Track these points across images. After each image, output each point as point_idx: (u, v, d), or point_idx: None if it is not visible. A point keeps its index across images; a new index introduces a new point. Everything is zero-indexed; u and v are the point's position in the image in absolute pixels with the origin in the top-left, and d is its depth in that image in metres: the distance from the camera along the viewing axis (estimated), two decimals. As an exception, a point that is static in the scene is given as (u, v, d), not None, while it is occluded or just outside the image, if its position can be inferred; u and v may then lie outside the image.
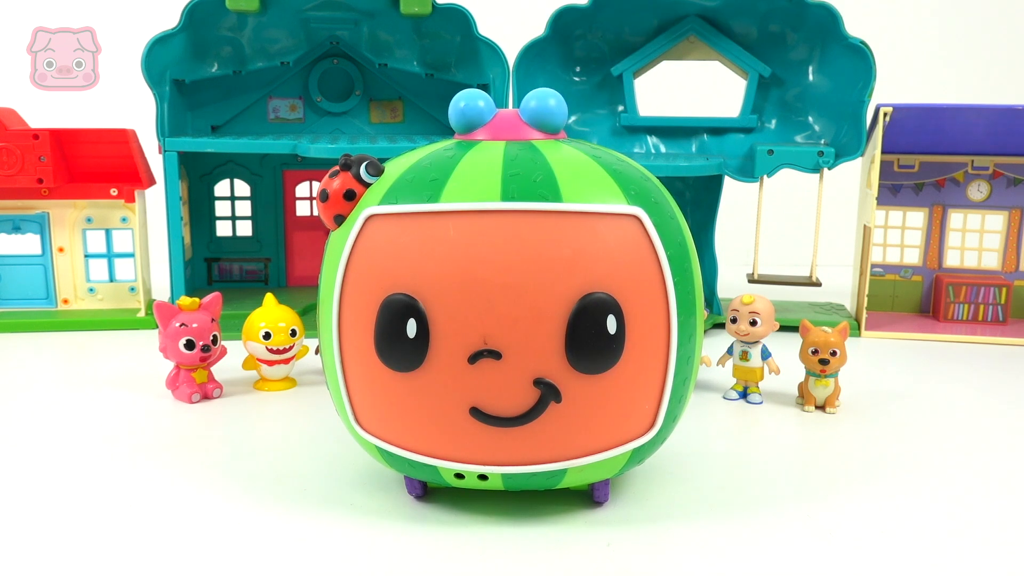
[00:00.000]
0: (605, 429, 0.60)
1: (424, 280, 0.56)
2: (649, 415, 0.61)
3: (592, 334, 0.56)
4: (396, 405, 0.60)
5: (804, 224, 1.52)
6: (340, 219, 0.61)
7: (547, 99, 0.64)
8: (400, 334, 0.57)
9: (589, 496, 0.68)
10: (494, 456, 0.59)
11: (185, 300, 0.92)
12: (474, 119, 0.64)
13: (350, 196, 0.61)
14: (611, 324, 0.56)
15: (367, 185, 0.61)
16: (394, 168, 0.62)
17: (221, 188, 1.46)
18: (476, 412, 0.57)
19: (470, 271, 0.56)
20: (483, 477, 0.60)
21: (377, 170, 0.61)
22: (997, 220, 1.35)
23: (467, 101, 0.64)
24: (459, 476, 0.61)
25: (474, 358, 0.56)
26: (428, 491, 0.68)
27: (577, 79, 1.38)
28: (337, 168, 0.62)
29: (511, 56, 1.29)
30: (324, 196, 0.62)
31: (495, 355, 0.56)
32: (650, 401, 0.61)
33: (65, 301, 1.32)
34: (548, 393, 0.57)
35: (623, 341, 0.57)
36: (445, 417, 0.58)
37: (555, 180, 0.58)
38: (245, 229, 1.48)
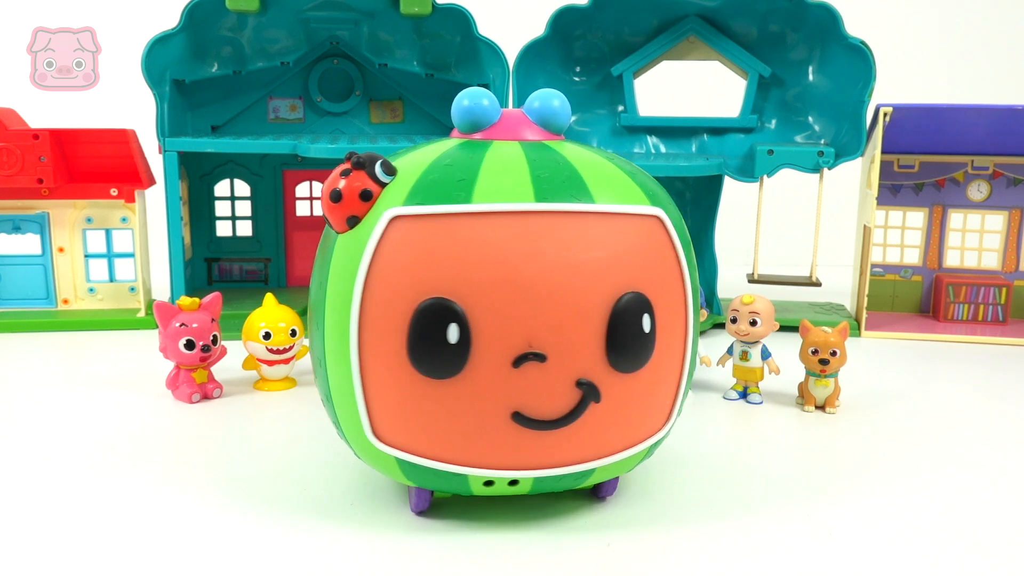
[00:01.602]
0: (633, 426, 0.61)
1: (464, 283, 0.54)
2: (666, 409, 0.63)
3: (631, 333, 0.57)
4: (428, 413, 0.57)
5: (804, 224, 1.53)
6: (354, 221, 0.58)
7: (552, 99, 0.64)
8: (440, 340, 0.54)
9: (590, 492, 0.68)
10: (533, 460, 0.58)
11: (185, 300, 0.92)
12: (482, 118, 0.63)
13: (366, 196, 0.57)
14: (646, 323, 0.57)
15: (383, 185, 0.58)
16: (407, 167, 0.59)
17: (221, 188, 1.46)
18: (518, 416, 0.56)
19: (513, 273, 0.55)
20: (514, 482, 0.60)
21: (391, 169, 0.58)
22: (997, 220, 1.35)
23: (474, 100, 0.63)
24: (488, 483, 0.60)
25: (519, 361, 0.55)
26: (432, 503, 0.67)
27: (577, 79, 1.38)
28: (347, 167, 0.58)
29: (511, 56, 1.29)
30: (337, 196, 0.58)
31: (540, 358, 0.55)
32: (668, 395, 0.63)
33: (65, 301, 1.32)
34: (589, 393, 0.57)
35: (655, 339, 0.58)
36: (485, 423, 0.57)
37: (583, 181, 0.58)
38: (245, 229, 1.48)
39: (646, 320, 0.57)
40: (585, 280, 0.56)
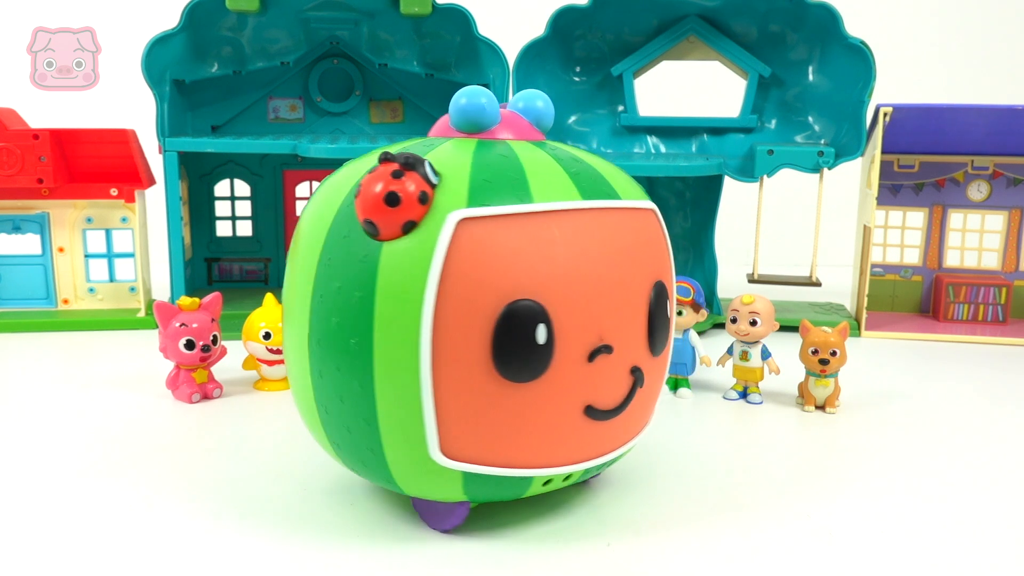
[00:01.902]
0: (652, 405, 0.65)
1: (544, 283, 0.54)
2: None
3: (663, 318, 0.61)
4: (504, 419, 0.55)
5: (804, 224, 1.53)
6: (411, 226, 0.53)
7: (536, 99, 0.65)
8: (529, 341, 0.53)
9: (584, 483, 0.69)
10: (595, 450, 0.60)
11: (185, 300, 0.92)
12: (491, 118, 0.62)
13: (424, 199, 0.54)
14: (669, 308, 0.62)
15: (433, 187, 0.55)
16: (447, 168, 0.56)
17: (221, 188, 1.46)
18: (589, 410, 0.57)
19: (584, 270, 0.55)
20: (567, 476, 0.61)
21: (435, 170, 0.55)
22: (997, 220, 1.35)
23: (479, 99, 0.61)
24: (547, 482, 0.60)
25: (593, 355, 0.56)
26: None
27: (577, 79, 1.38)
28: (395, 168, 0.54)
29: (511, 56, 1.29)
30: (395, 200, 0.53)
31: (609, 350, 0.57)
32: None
33: (65, 301, 1.32)
34: (638, 379, 0.59)
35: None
36: (561, 420, 0.56)
37: (605, 178, 0.60)
38: (245, 229, 1.48)
39: (668, 305, 0.61)
40: (636, 271, 0.59)
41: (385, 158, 0.55)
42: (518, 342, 0.53)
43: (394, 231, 0.54)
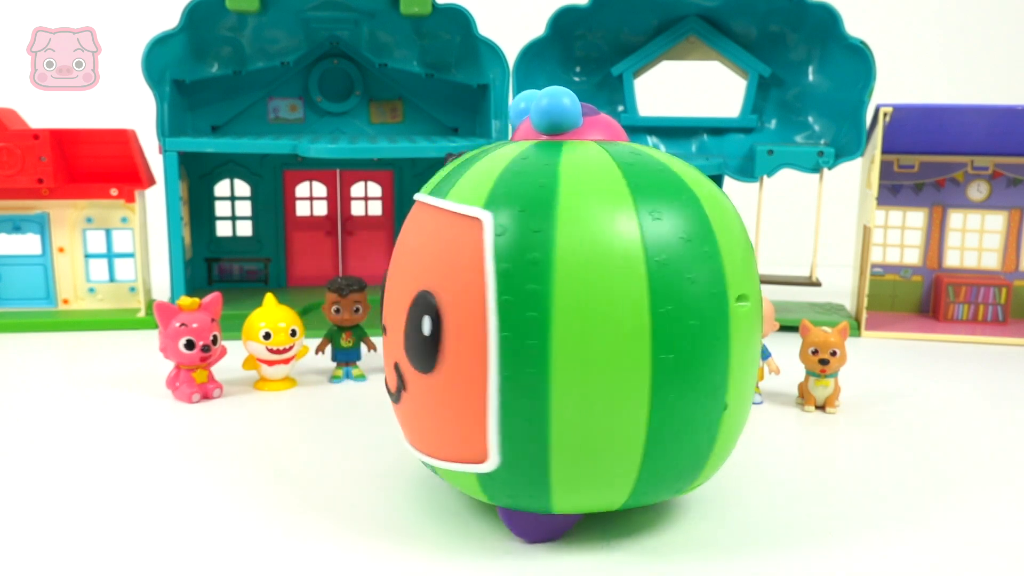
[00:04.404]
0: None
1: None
2: None
3: (416, 333, 0.60)
4: None
5: (804, 224, 1.53)
6: None
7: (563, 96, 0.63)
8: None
9: None
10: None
11: (185, 300, 0.92)
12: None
13: None
14: (430, 326, 0.60)
15: None
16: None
17: (221, 188, 1.46)
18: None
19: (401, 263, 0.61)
20: None
21: None
22: (997, 220, 1.35)
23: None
24: None
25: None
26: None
27: (577, 79, 1.38)
28: None
29: (511, 56, 1.29)
30: None
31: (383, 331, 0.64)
32: None
33: (65, 301, 1.32)
34: (400, 378, 0.62)
35: None
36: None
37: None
38: (245, 229, 1.48)
39: (426, 321, 0.59)
40: (407, 276, 0.61)
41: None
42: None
43: None
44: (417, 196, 0.61)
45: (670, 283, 0.52)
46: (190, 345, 0.90)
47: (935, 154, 1.35)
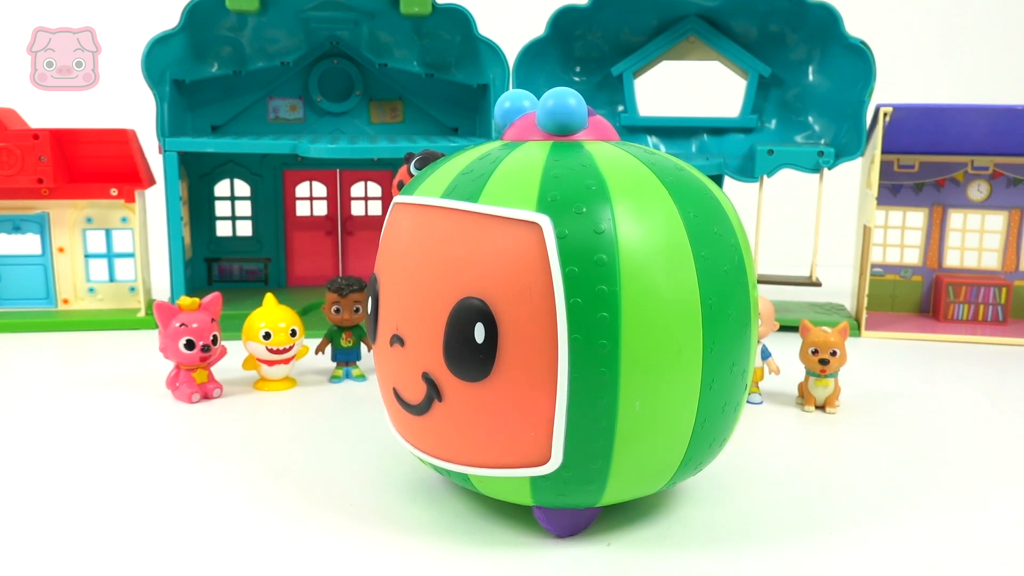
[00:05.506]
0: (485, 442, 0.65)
1: None
2: None
3: (458, 341, 0.60)
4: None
5: (804, 224, 1.53)
6: None
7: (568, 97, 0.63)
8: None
9: None
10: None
11: (185, 300, 0.92)
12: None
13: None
14: (481, 334, 0.60)
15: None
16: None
17: (221, 188, 1.46)
18: (396, 395, 0.64)
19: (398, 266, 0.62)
20: None
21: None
22: (997, 220, 1.35)
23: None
24: None
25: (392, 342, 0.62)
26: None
27: (577, 79, 1.38)
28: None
29: (511, 56, 1.29)
30: None
31: (400, 341, 0.63)
32: None
33: (65, 301, 1.32)
34: (431, 387, 0.62)
35: None
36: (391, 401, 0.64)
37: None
38: (245, 229, 1.48)
39: (475, 330, 0.59)
40: (442, 280, 0.61)
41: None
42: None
43: None
44: (420, 199, 0.59)
45: (713, 276, 0.55)
46: (190, 345, 0.90)
47: (935, 154, 1.35)
